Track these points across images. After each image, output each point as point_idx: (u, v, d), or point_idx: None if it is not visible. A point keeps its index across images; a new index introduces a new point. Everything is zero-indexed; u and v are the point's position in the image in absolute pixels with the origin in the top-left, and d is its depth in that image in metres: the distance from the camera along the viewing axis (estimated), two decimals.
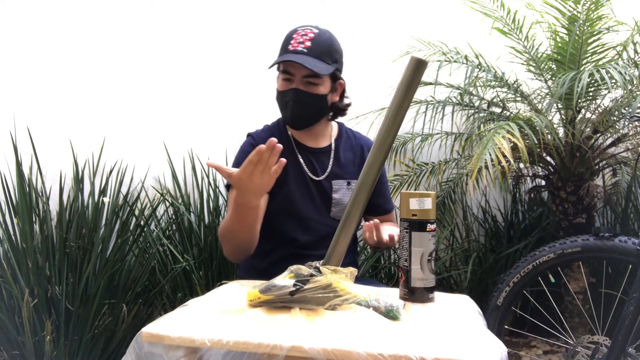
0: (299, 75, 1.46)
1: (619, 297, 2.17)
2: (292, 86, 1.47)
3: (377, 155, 1.02)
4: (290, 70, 1.46)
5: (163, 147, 2.57)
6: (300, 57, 1.43)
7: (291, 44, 1.46)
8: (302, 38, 1.46)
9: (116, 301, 2.09)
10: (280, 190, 1.51)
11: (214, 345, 0.81)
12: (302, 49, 1.44)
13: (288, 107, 1.48)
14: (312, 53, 1.44)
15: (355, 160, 1.61)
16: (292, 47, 1.45)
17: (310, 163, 1.56)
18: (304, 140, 1.58)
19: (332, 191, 1.55)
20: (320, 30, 1.50)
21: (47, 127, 2.44)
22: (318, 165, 1.56)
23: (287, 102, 1.48)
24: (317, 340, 0.80)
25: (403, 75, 1.02)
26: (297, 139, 1.59)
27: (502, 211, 2.89)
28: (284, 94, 1.48)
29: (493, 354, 0.84)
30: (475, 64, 2.46)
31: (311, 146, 1.58)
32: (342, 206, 1.54)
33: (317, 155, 1.58)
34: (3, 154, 2.33)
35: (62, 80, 2.53)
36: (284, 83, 1.49)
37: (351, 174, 1.58)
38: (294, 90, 1.46)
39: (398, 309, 0.97)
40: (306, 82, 1.47)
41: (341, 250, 1.03)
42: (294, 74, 1.46)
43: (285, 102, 1.49)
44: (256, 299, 0.99)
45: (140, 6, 2.64)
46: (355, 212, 1.03)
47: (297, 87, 1.47)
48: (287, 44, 1.48)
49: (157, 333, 0.86)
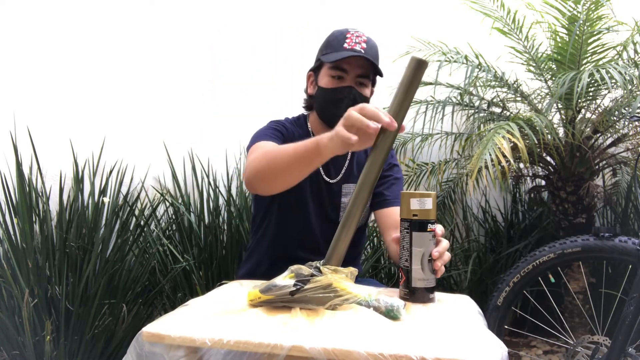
0: (353, 74, 1.44)
1: (619, 297, 2.17)
2: (345, 84, 1.44)
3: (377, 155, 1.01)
4: (346, 67, 1.43)
5: (163, 147, 2.57)
6: (363, 54, 1.41)
7: (347, 42, 1.44)
8: (358, 39, 1.44)
9: (116, 301, 2.09)
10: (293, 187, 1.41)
11: (214, 344, 0.81)
12: (360, 49, 1.42)
13: (341, 104, 1.42)
14: (369, 53, 1.43)
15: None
16: (349, 46, 1.43)
17: (326, 165, 1.52)
18: None
19: (342, 195, 1.53)
20: (368, 37, 1.48)
21: (47, 127, 2.44)
22: (333, 167, 1.53)
23: (342, 99, 1.43)
24: (317, 340, 0.80)
25: (403, 75, 1.01)
26: None
27: (502, 211, 2.89)
28: (338, 91, 1.44)
29: (493, 353, 0.84)
30: (475, 64, 2.47)
31: None
32: None
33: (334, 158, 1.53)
34: (3, 154, 2.33)
35: (62, 80, 2.52)
36: (334, 80, 1.44)
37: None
38: (349, 88, 1.43)
39: (399, 309, 0.97)
40: (358, 82, 1.45)
41: (341, 250, 1.03)
42: (348, 72, 1.43)
43: (338, 100, 1.44)
44: (256, 298, 0.99)
45: (140, 6, 2.64)
46: (356, 213, 1.02)
47: (352, 86, 1.44)
48: (342, 42, 1.44)
49: (157, 333, 0.86)
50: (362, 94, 1.45)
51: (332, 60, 1.42)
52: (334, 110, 1.44)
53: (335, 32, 1.49)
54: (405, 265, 1.09)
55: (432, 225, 1.09)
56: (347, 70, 1.43)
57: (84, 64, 2.55)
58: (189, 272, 2.24)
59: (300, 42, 2.74)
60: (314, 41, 1.61)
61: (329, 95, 1.45)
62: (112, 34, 2.60)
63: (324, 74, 1.47)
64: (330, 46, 1.46)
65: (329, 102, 1.46)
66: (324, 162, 1.14)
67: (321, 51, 1.51)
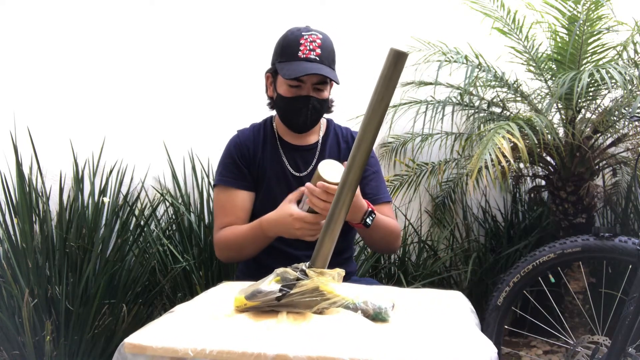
0: (310, 82, 1.47)
1: (619, 297, 2.17)
2: (302, 93, 1.48)
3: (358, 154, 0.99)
4: (303, 78, 1.45)
5: (163, 147, 2.57)
6: (318, 67, 1.43)
7: (300, 50, 1.45)
8: (312, 45, 1.45)
9: (116, 301, 2.08)
10: (261, 187, 1.56)
11: (197, 355, 0.80)
12: (314, 57, 1.45)
13: (301, 113, 1.50)
14: (324, 61, 1.46)
15: (341, 154, 1.60)
16: (304, 55, 1.45)
17: (293, 160, 1.58)
18: (290, 138, 1.60)
19: None
20: (322, 35, 1.49)
21: (47, 127, 2.44)
22: (302, 163, 1.58)
23: (300, 109, 1.49)
24: (302, 348, 0.79)
25: (382, 68, 0.98)
26: (283, 137, 1.60)
27: (502, 211, 2.89)
28: (296, 101, 1.49)
29: (482, 356, 0.83)
30: (475, 64, 2.47)
31: (297, 144, 1.60)
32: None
33: (302, 153, 1.59)
34: (3, 154, 2.32)
35: (62, 80, 2.52)
36: (292, 89, 1.48)
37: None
38: (307, 98, 1.48)
39: (386, 311, 0.97)
40: (315, 88, 1.48)
41: (326, 251, 1.01)
42: (306, 81, 1.46)
43: (297, 109, 1.49)
44: (242, 305, 0.97)
45: (140, 6, 2.64)
46: (340, 213, 1.00)
47: (309, 94, 1.48)
48: (296, 51, 1.46)
49: (139, 344, 0.84)
50: (320, 99, 1.50)
51: (286, 77, 1.45)
52: (294, 118, 1.52)
53: (289, 36, 1.50)
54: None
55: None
56: (304, 80, 1.46)
57: (84, 64, 2.55)
58: (189, 272, 2.24)
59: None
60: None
61: (288, 105, 1.51)
62: (112, 34, 2.60)
63: (281, 82, 1.50)
64: (284, 53, 1.48)
65: (288, 110, 1.52)
66: (272, 240, 1.45)
67: (276, 55, 1.53)
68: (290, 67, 1.45)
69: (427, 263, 2.65)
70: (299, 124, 1.53)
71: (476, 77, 2.48)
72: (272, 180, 1.56)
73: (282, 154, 1.58)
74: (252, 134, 1.63)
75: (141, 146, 2.56)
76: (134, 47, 2.62)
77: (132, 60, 2.61)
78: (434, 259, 2.69)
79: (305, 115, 1.50)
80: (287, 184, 1.55)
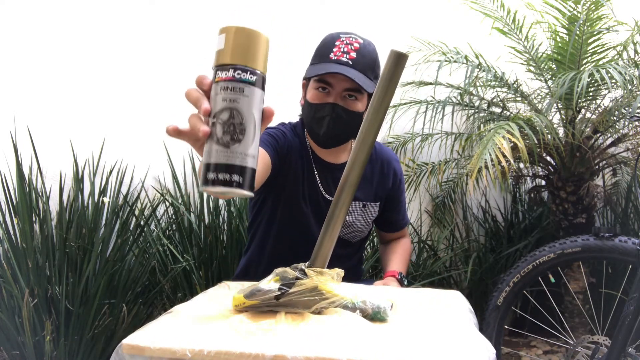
0: (340, 88, 1.32)
1: (619, 297, 2.17)
2: (329, 100, 1.33)
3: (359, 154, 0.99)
4: (331, 81, 1.32)
5: (163, 147, 2.57)
6: (345, 69, 1.29)
7: (333, 52, 1.33)
8: (347, 47, 1.33)
9: (116, 301, 2.09)
10: (292, 207, 1.42)
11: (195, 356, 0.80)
12: (346, 60, 1.31)
13: (323, 123, 1.34)
14: (356, 66, 1.31)
15: (374, 178, 1.49)
16: (335, 57, 1.32)
17: (325, 181, 1.44)
18: (324, 154, 1.46)
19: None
20: (364, 41, 1.36)
21: (47, 127, 2.44)
22: (334, 183, 1.44)
23: (323, 117, 1.33)
24: (301, 349, 0.79)
25: (383, 70, 0.99)
26: (316, 152, 1.46)
27: (502, 211, 2.89)
28: (320, 108, 1.34)
29: (480, 356, 0.83)
30: (475, 64, 2.47)
31: (330, 162, 1.46)
32: (354, 228, 1.48)
33: (335, 172, 1.45)
34: (3, 154, 2.32)
35: (62, 80, 2.52)
36: (318, 94, 1.34)
37: (367, 193, 1.48)
38: (333, 105, 1.32)
39: (385, 310, 0.97)
40: (345, 96, 1.33)
41: (326, 251, 1.01)
42: (334, 86, 1.32)
43: (321, 117, 1.34)
44: (241, 304, 0.96)
45: (140, 6, 2.64)
46: (339, 214, 0.99)
47: (336, 102, 1.33)
48: (328, 52, 1.33)
49: (137, 345, 0.84)
50: (348, 109, 1.34)
51: (311, 75, 1.33)
52: (317, 129, 1.36)
53: (326, 38, 1.38)
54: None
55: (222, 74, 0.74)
56: (332, 84, 1.32)
57: (83, 64, 2.55)
58: (189, 272, 2.24)
59: (300, 42, 2.74)
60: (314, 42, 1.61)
61: (311, 111, 1.36)
62: (112, 34, 2.60)
63: (311, 86, 1.37)
64: (317, 55, 1.37)
65: (311, 118, 1.37)
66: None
67: (312, 58, 1.40)
68: (317, 67, 1.33)
69: (427, 263, 2.65)
70: (319, 136, 1.37)
71: (476, 77, 2.49)
72: (304, 202, 1.41)
73: (316, 172, 1.43)
74: (291, 134, 1.45)
75: (141, 146, 2.56)
76: (134, 47, 2.62)
77: (132, 61, 2.61)
78: (434, 259, 2.69)
79: (328, 126, 1.33)
80: (318, 207, 1.43)
